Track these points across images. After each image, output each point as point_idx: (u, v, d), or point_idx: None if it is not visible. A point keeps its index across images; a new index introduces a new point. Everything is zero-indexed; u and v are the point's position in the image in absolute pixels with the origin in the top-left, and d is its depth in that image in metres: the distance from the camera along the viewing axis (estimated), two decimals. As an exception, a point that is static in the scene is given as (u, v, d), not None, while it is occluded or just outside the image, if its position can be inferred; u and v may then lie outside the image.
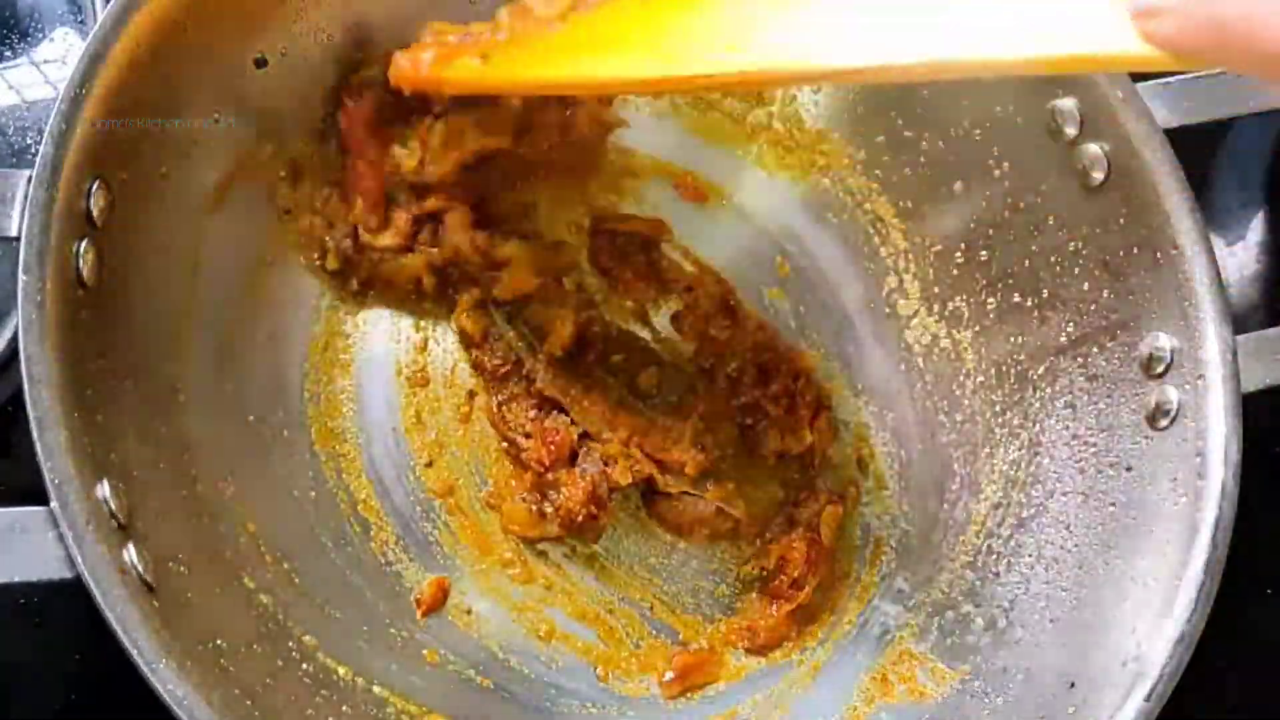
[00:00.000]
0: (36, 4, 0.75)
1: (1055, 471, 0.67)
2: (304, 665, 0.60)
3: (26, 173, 0.53)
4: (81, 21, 0.74)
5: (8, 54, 0.74)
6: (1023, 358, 0.70)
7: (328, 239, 0.70)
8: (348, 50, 0.68)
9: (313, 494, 0.68)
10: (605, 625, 0.70)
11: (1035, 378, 0.69)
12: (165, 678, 0.49)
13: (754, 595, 0.71)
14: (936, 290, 0.75)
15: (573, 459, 0.69)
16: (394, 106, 0.67)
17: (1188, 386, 0.61)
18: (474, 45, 0.63)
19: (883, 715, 0.64)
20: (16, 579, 0.50)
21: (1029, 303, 0.70)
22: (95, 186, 0.55)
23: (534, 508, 0.69)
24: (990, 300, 0.72)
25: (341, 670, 0.61)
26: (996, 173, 0.70)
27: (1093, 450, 0.66)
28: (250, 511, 0.63)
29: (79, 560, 0.49)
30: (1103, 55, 0.44)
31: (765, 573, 0.71)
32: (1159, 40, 0.41)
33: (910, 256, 0.76)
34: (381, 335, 0.73)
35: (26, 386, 0.50)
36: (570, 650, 0.69)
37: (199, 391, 0.63)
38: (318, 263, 0.70)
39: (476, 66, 0.62)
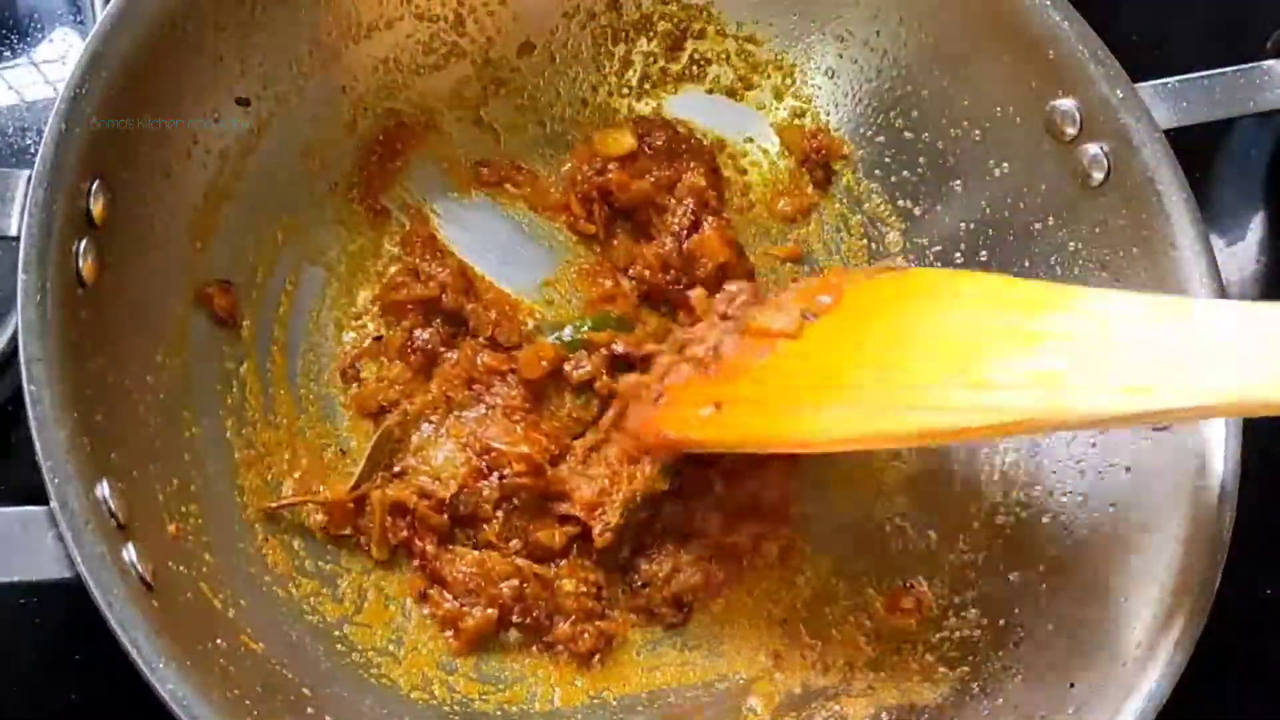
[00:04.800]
0: (36, 4, 0.75)
1: (1054, 472, 0.67)
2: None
3: (26, 173, 0.53)
4: (81, 21, 0.74)
5: (8, 54, 0.74)
6: (1023, 358, 0.70)
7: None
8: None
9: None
10: None
11: (1035, 378, 0.69)
12: (165, 678, 0.49)
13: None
14: (936, 290, 0.74)
15: None
16: None
17: (1188, 387, 0.61)
18: (700, 386, 0.60)
19: (883, 715, 0.64)
20: (16, 579, 0.50)
21: (1029, 303, 0.70)
22: (95, 186, 0.55)
23: None
24: (990, 300, 0.72)
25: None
26: (996, 173, 0.70)
27: (1092, 451, 0.65)
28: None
29: (79, 560, 0.49)
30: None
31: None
32: None
33: (910, 256, 0.75)
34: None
35: (26, 386, 0.50)
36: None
37: (199, 391, 0.63)
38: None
39: (710, 420, 0.59)
